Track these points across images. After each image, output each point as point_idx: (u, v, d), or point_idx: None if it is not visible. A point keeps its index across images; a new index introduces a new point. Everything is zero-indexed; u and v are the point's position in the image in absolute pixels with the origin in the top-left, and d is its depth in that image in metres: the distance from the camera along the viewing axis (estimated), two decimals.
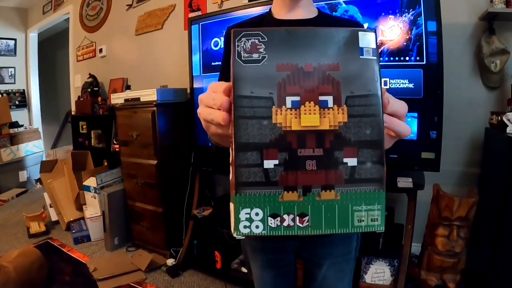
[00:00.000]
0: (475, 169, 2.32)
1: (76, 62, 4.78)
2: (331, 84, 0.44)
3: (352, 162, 0.44)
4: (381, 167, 0.44)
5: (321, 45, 0.45)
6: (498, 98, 2.28)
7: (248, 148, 0.42)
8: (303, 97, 0.44)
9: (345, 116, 0.44)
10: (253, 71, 0.44)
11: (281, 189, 0.42)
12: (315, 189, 0.43)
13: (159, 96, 2.69)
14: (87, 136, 4.10)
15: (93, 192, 3.20)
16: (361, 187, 0.43)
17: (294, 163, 0.43)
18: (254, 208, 0.42)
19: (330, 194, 0.43)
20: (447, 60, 1.99)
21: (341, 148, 0.43)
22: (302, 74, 0.44)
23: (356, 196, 0.43)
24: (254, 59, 0.44)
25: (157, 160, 2.77)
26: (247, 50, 0.45)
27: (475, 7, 2.24)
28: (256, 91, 0.44)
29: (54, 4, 5.21)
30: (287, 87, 0.44)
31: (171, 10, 3.48)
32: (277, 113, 0.43)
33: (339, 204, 0.43)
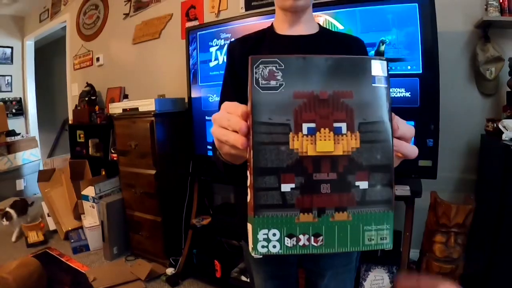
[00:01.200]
0: (471, 176, 2.34)
1: (73, 70, 4.78)
2: (344, 111, 0.46)
3: (363, 185, 0.46)
4: (390, 189, 0.46)
5: (335, 72, 0.47)
6: (494, 105, 2.30)
7: (266, 172, 0.44)
8: (318, 124, 0.45)
9: (357, 142, 0.46)
10: (271, 98, 0.45)
11: (298, 211, 0.44)
12: (329, 210, 0.45)
13: (157, 106, 2.70)
14: (84, 145, 4.09)
15: (92, 202, 3.20)
16: (371, 208, 0.46)
17: (309, 186, 0.45)
18: (272, 229, 0.44)
19: (343, 216, 0.45)
20: (443, 68, 2.02)
21: (354, 172, 0.45)
22: (318, 101, 0.46)
23: (367, 217, 0.46)
24: (272, 86, 0.46)
25: (155, 169, 2.78)
26: (265, 77, 0.46)
27: (470, 15, 2.27)
28: (274, 118, 0.45)
29: (51, 12, 5.22)
30: (303, 114, 0.45)
31: (168, 19, 3.49)
32: (294, 139, 0.45)
33: (351, 224, 0.45)
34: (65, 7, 4.91)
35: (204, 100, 2.65)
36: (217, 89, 2.56)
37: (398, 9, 2.05)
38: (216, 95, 2.56)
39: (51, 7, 5.21)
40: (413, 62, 2.01)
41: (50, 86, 7.04)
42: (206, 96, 2.63)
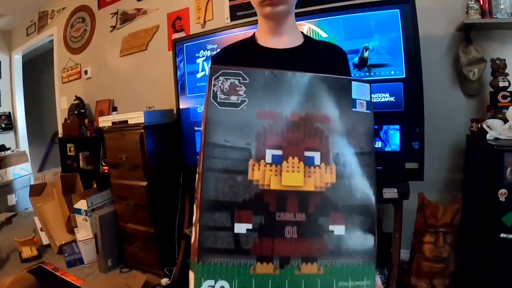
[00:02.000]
0: (458, 175, 2.39)
1: (61, 84, 4.79)
2: (319, 138, 0.39)
3: (339, 231, 0.37)
4: (371, 236, 0.38)
5: (310, 92, 0.39)
6: (478, 105, 2.35)
7: (217, 207, 0.37)
8: (286, 151, 0.38)
9: (333, 176, 0.38)
10: (229, 116, 0.38)
11: (254, 260, 0.36)
12: (295, 260, 0.37)
13: (147, 118, 2.73)
14: (75, 158, 4.09)
15: (84, 215, 3.20)
16: (348, 260, 0.37)
17: (271, 228, 0.37)
18: (220, 280, 0.35)
19: (312, 268, 0.36)
20: (427, 70, 2.06)
21: (327, 213, 0.38)
22: (286, 124, 0.38)
23: (342, 270, 0.37)
24: (231, 102, 0.39)
25: (147, 181, 2.80)
26: (225, 91, 0.39)
27: (451, 18, 2.32)
28: (231, 140, 0.38)
29: (38, 26, 5.22)
30: (268, 138, 0.38)
31: (154, 31, 3.53)
32: (255, 168, 0.38)
33: (321, 279, 0.36)
34: (52, 20, 4.93)
35: (192, 111, 2.67)
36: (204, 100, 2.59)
37: (380, 16, 2.08)
38: None
39: (38, 20, 5.22)
40: (397, 67, 2.04)
41: (38, 99, 7.01)
42: (194, 106, 2.66)
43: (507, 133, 1.93)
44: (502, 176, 1.80)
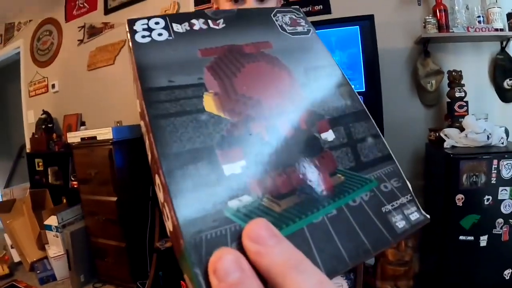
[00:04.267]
0: (419, 182, 2.49)
1: (28, 97, 4.71)
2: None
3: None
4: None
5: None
6: (436, 115, 2.46)
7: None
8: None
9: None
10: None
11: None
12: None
13: (115, 134, 2.76)
14: (44, 173, 4.03)
15: (55, 231, 3.18)
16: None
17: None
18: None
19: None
20: (387, 83, 2.15)
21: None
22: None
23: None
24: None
25: (117, 196, 2.82)
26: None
27: (410, 32, 2.42)
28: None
29: (4, 38, 5.11)
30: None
31: (122, 45, 3.54)
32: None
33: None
34: (19, 32, 4.84)
35: None
36: None
37: (340, 33, 2.17)
38: None
39: (4, 32, 5.11)
40: (357, 81, 2.12)
41: (4, 112, 6.85)
42: None
43: (463, 141, 2.04)
44: (458, 182, 1.92)
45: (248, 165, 0.27)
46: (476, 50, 2.40)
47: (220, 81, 0.32)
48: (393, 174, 0.32)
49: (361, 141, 0.33)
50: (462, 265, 2.00)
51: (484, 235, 1.93)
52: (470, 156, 1.92)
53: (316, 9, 2.66)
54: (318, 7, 2.66)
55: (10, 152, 6.80)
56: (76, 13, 3.99)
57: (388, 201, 0.30)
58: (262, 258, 0.22)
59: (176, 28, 0.35)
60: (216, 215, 0.25)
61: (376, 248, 0.27)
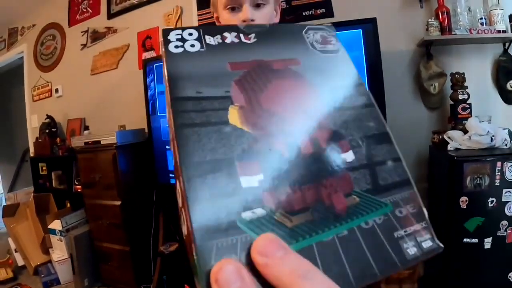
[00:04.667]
0: (423, 184, 2.47)
1: (32, 102, 4.73)
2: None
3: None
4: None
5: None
6: (439, 117, 2.46)
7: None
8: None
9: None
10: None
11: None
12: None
13: (119, 138, 2.77)
14: (47, 178, 4.04)
15: (59, 235, 3.19)
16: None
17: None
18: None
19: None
20: (390, 85, 2.15)
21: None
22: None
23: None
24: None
25: (121, 200, 2.82)
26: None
27: (412, 35, 2.43)
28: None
29: (8, 43, 5.14)
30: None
31: (125, 50, 3.56)
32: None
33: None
34: (22, 37, 4.87)
35: (164, 130, 2.72)
36: None
37: (343, 36, 2.17)
38: None
39: (7, 37, 5.13)
40: None
41: (8, 116, 6.85)
42: (165, 126, 2.70)
43: (467, 143, 2.04)
44: (462, 184, 1.91)
45: (265, 179, 0.28)
46: (478, 52, 2.40)
47: (247, 95, 0.32)
48: (410, 200, 0.32)
49: (381, 164, 0.33)
50: (466, 268, 1.99)
51: (488, 238, 1.92)
52: (473, 158, 1.92)
53: (319, 13, 2.67)
54: (321, 11, 2.67)
55: (13, 156, 6.81)
56: (79, 18, 4.01)
57: (402, 226, 0.30)
58: (270, 269, 0.23)
59: (208, 40, 0.36)
60: (229, 224, 0.26)
61: (384, 272, 0.27)
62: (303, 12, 2.69)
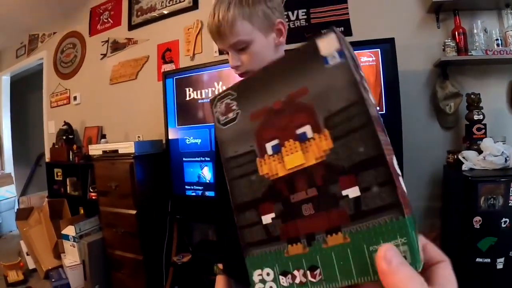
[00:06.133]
0: (436, 203, 2.49)
1: (50, 108, 4.81)
2: (304, 112, 0.38)
3: (353, 193, 0.34)
4: (392, 187, 0.33)
5: (284, 73, 0.40)
6: (454, 137, 2.46)
7: (245, 207, 0.40)
8: (281, 138, 0.39)
9: (329, 142, 0.36)
10: (232, 130, 0.42)
11: (285, 243, 0.38)
12: (319, 235, 0.36)
13: (137, 149, 2.81)
14: (62, 183, 4.09)
15: (72, 241, 3.22)
16: (373, 220, 0.33)
17: (290, 211, 0.38)
18: (265, 268, 0.38)
19: (337, 238, 0.35)
20: (406, 104, 2.16)
21: (336, 179, 0.36)
22: (274, 114, 0.40)
23: (370, 233, 0.33)
24: (230, 118, 0.42)
25: (136, 210, 2.85)
26: (223, 113, 0.43)
27: (429, 55, 2.44)
28: (240, 149, 0.41)
29: (28, 49, 5.25)
30: (263, 133, 0.40)
31: (144, 61, 3.62)
32: (261, 163, 0.40)
33: (351, 247, 0.34)
34: (42, 44, 4.98)
35: (181, 142, 2.76)
36: (193, 132, 2.71)
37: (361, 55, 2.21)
38: (193, 137, 2.69)
39: (28, 43, 5.26)
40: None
41: (23, 120, 6.96)
42: (183, 138, 2.75)
43: (481, 163, 2.04)
44: (476, 204, 1.91)
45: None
46: (494, 72, 2.41)
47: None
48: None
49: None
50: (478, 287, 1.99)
51: (501, 258, 1.92)
52: (488, 179, 1.92)
53: None
54: (339, 29, 2.70)
55: (28, 160, 6.90)
56: (100, 28, 4.10)
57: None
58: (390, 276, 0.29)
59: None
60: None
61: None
62: (322, 30, 2.72)
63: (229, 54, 1.02)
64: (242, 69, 1.02)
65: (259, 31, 1.00)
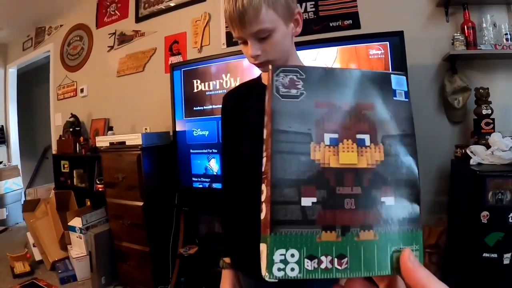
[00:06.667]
0: (443, 198, 2.48)
1: (56, 100, 4.82)
2: (367, 123, 0.44)
3: (389, 202, 0.42)
4: (417, 206, 0.42)
5: (356, 85, 0.45)
6: (462, 132, 2.45)
7: (285, 184, 0.40)
8: (341, 135, 0.43)
9: (381, 155, 0.43)
10: (291, 106, 0.44)
11: (319, 229, 0.40)
12: (354, 229, 0.40)
13: (144, 140, 2.81)
14: (69, 175, 4.11)
15: (79, 233, 3.25)
16: (399, 227, 0.41)
17: (332, 201, 0.41)
18: (290, 249, 0.39)
19: (369, 234, 0.40)
20: (414, 99, 2.15)
21: (379, 187, 0.42)
22: (340, 112, 0.44)
23: (395, 236, 0.41)
24: (292, 94, 0.44)
25: (143, 201, 2.86)
26: (285, 85, 0.44)
27: (438, 49, 2.42)
28: (294, 126, 0.42)
29: (35, 41, 5.27)
30: (325, 124, 0.43)
31: (152, 53, 3.62)
32: (316, 149, 0.42)
33: (377, 244, 0.40)
34: (49, 37, 4.99)
35: (188, 134, 2.76)
36: (200, 124, 2.71)
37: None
38: (200, 129, 2.69)
39: (34, 36, 5.27)
40: None
41: (30, 113, 7.00)
42: (190, 130, 2.75)
43: (489, 158, 2.03)
44: (484, 199, 1.90)
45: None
46: (503, 67, 2.39)
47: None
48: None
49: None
50: (485, 283, 1.98)
51: (507, 253, 1.91)
52: (496, 174, 1.91)
53: (346, 24, 2.70)
54: (348, 22, 2.70)
55: (34, 153, 6.94)
56: (107, 20, 4.10)
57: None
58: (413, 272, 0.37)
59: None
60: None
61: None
62: (330, 23, 2.72)
63: (247, 43, 0.98)
64: (263, 59, 0.99)
65: (281, 19, 0.96)
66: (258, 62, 1.00)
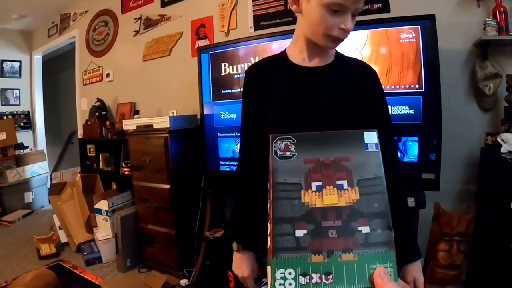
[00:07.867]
0: (472, 186, 2.43)
1: (82, 85, 4.88)
2: (345, 172, 0.57)
3: (365, 230, 0.53)
4: (389, 232, 0.53)
5: (336, 143, 0.59)
6: (492, 119, 2.39)
7: (283, 221, 0.54)
8: (324, 182, 0.56)
9: (357, 195, 0.55)
10: (286, 164, 0.58)
11: (310, 253, 0.52)
12: (337, 252, 0.52)
13: (172, 123, 2.81)
14: (95, 159, 4.17)
15: (105, 215, 3.29)
16: (374, 249, 0.52)
17: (319, 232, 0.53)
18: (288, 268, 0.51)
19: (349, 256, 0.52)
20: (444, 84, 2.10)
21: (356, 219, 0.54)
22: (323, 166, 0.58)
23: (371, 257, 0.52)
24: (287, 156, 0.59)
25: (170, 184, 2.87)
26: (281, 149, 0.59)
27: (469, 34, 2.36)
28: (289, 179, 0.57)
29: (60, 28, 5.32)
30: (312, 176, 0.57)
31: (178, 37, 3.61)
32: (305, 195, 0.56)
33: (357, 263, 0.51)
34: (74, 23, 5.03)
35: (216, 117, 2.75)
36: (228, 107, 2.69)
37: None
38: (228, 112, 2.68)
39: (59, 22, 5.32)
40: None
41: (56, 98, 7.13)
42: (218, 113, 2.74)
43: None
44: None
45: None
46: None
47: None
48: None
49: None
50: None
51: None
52: None
53: (375, 7, 2.64)
54: (377, 5, 2.64)
55: (60, 137, 7.07)
56: (132, 5, 4.10)
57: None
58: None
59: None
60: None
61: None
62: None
63: (342, 14, 0.97)
64: (347, 35, 1.02)
65: None
66: (345, 37, 1.02)
